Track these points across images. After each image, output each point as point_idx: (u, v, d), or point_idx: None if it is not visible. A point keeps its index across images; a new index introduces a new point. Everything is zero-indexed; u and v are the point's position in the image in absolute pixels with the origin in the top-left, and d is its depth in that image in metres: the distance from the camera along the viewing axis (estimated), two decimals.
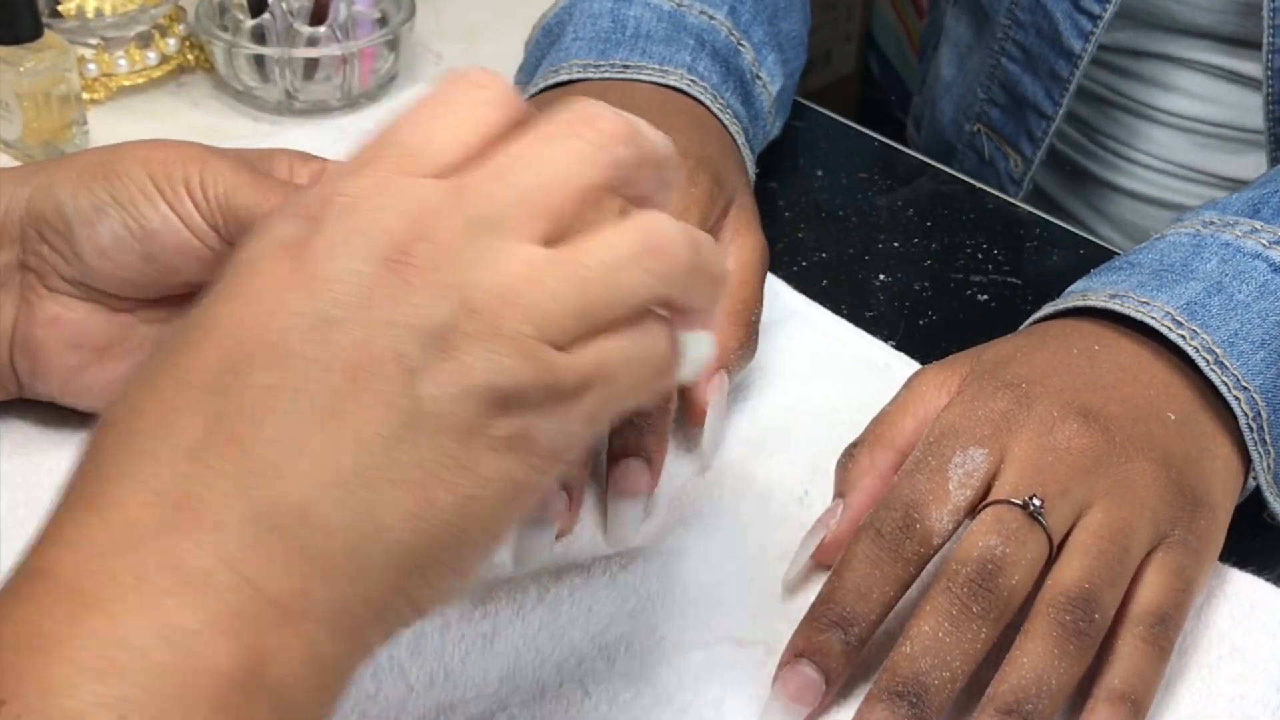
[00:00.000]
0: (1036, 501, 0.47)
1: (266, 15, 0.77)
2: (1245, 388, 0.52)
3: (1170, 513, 0.49)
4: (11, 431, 0.56)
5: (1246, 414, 0.52)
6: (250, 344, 0.33)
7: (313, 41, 0.77)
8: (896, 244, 0.71)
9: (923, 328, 0.66)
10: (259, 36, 0.78)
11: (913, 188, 0.76)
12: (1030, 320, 0.57)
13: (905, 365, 0.62)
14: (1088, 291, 0.56)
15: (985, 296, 0.68)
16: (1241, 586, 0.52)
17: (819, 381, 0.61)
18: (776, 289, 0.66)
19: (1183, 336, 0.52)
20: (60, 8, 0.78)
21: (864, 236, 0.72)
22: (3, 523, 0.52)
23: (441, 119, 0.36)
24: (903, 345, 0.64)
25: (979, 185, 0.77)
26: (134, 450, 0.33)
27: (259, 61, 0.78)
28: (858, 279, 0.69)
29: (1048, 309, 0.57)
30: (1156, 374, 0.52)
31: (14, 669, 0.30)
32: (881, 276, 0.69)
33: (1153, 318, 0.53)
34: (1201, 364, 0.52)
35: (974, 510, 0.48)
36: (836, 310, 0.66)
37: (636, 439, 0.53)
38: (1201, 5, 0.79)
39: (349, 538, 0.33)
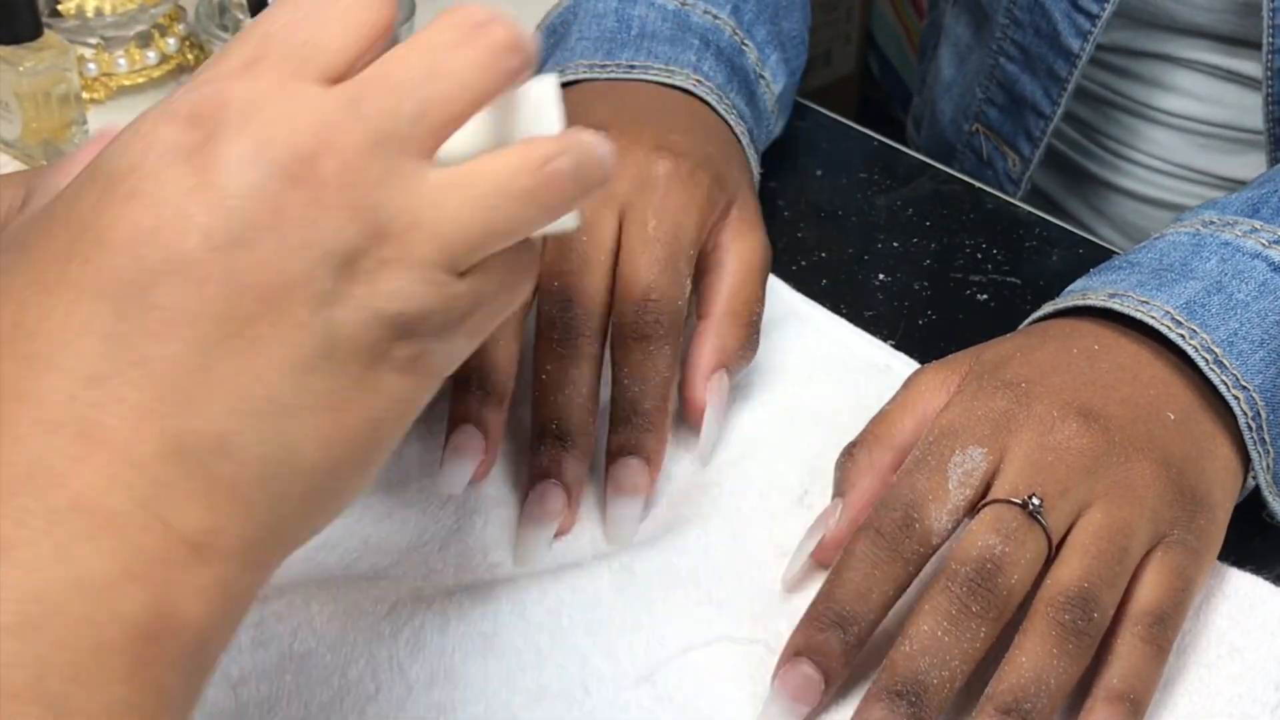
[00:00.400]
0: (1036, 501, 0.47)
1: None
2: (1244, 387, 0.52)
3: (1170, 512, 0.49)
4: None
5: (1246, 413, 0.52)
6: (156, 260, 0.31)
7: None
8: (896, 244, 0.71)
9: (922, 327, 0.66)
10: None
11: (912, 188, 0.76)
12: (1029, 320, 0.57)
13: (905, 365, 0.62)
14: (1087, 291, 0.56)
15: (985, 296, 0.68)
16: (1240, 586, 0.52)
17: (819, 381, 0.62)
18: (776, 289, 0.66)
19: (1182, 336, 0.52)
20: (60, 7, 0.78)
21: (864, 236, 0.72)
22: None
23: (325, 18, 0.35)
24: (902, 345, 0.64)
25: (978, 185, 0.77)
26: (29, 371, 0.31)
27: None
28: (857, 279, 0.69)
29: (1047, 308, 0.57)
30: (1156, 373, 0.52)
31: None
32: (881, 276, 0.69)
33: (1152, 317, 0.53)
34: (1201, 363, 0.52)
35: (973, 509, 0.48)
36: (836, 310, 0.66)
37: (635, 437, 0.53)
38: (1200, 5, 0.79)
39: (263, 467, 0.32)
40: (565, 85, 0.65)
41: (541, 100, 0.38)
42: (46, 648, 0.29)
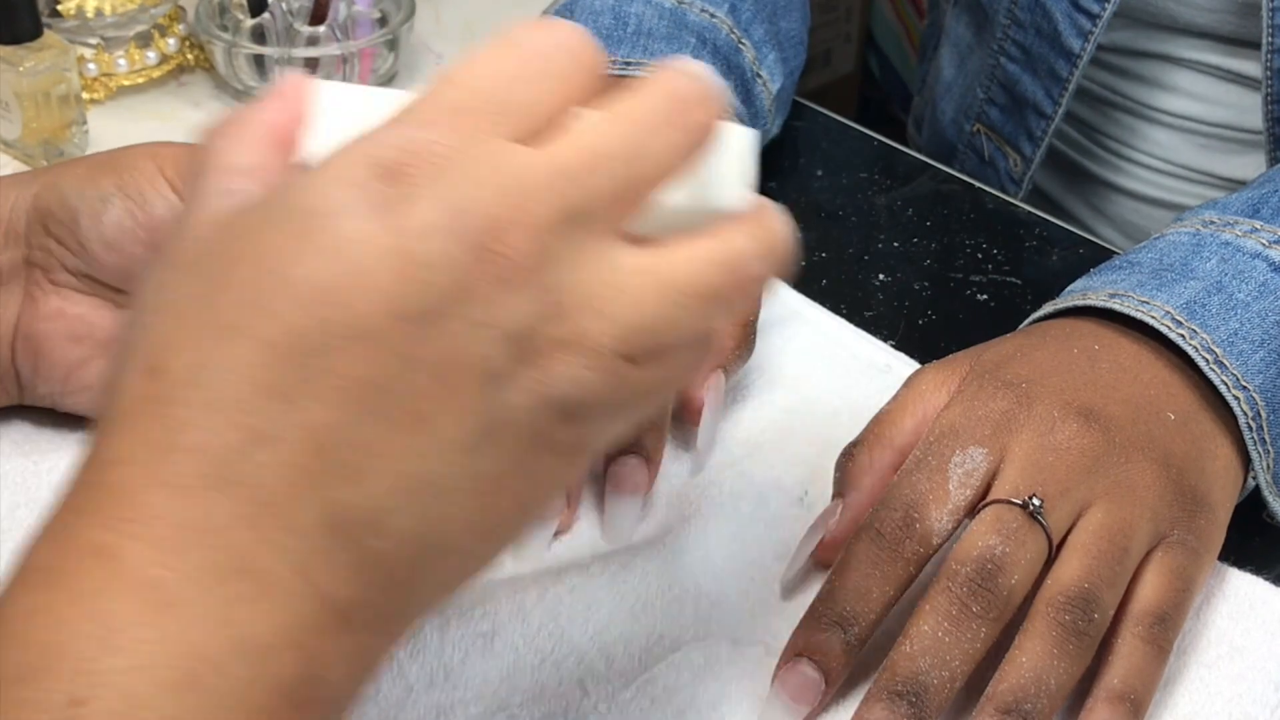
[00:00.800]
0: (1036, 501, 0.47)
1: (266, 15, 0.77)
2: (1245, 387, 0.52)
3: (1170, 513, 0.49)
4: (11, 432, 0.56)
5: (1246, 413, 0.52)
6: (338, 322, 0.30)
7: (313, 41, 0.77)
8: (896, 244, 0.71)
9: (922, 327, 0.66)
10: (259, 36, 0.78)
11: (912, 187, 0.76)
12: (1030, 319, 0.57)
13: (905, 365, 0.62)
14: (1087, 291, 0.56)
15: (985, 296, 0.68)
16: (1240, 586, 0.52)
17: (819, 381, 0.61)
18: (776, 289, 0.66)
19: (1182, 336, 0.52)
20: (60, 7, 0.78)
21: (864, 236, 0.72)
22: (2, 523, 0.52)
23: (535, 76, 0.33)
24: (902, 345, 0.64)
25: (979, 185, 0.77)
26: (201, 421, 0.30)
27: (259, 61, 0.78)
28: (857, 279, 0.69)
29: (1047, 308, 0.57)
30: (1156, 373, 0.52)
31: (93, 667, 0.29)
32: (881, 276, 0.69)
33: (1152, 317, 0.53)
34: (1201, 363, 0.52)
35: (974, 510, 0.48)
36: (836, 310, 0.66)
37: (634, 435, 0.53)
38: (1200, 5, 0.79)
39: (415, 547, 0.32)
40: None
41: (735, 152, 0.35)
42: (208, 708, 0.29)
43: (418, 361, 0.31)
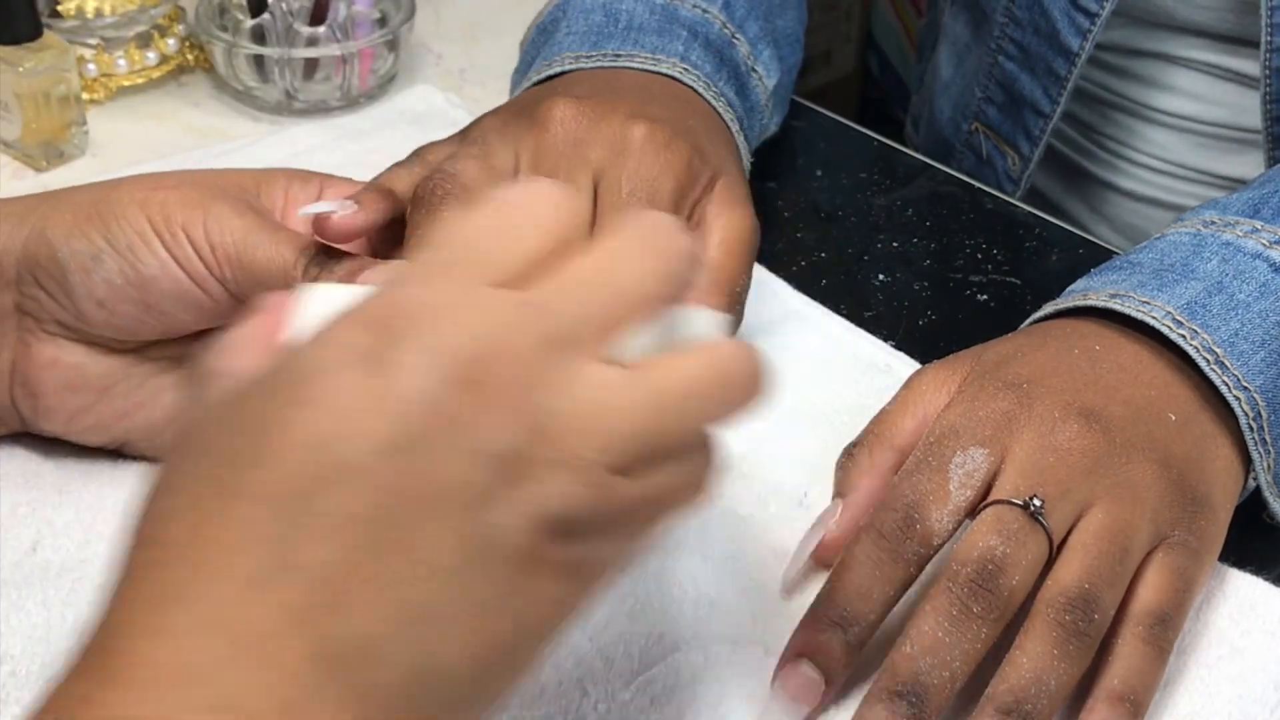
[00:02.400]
0: (1037, 502, 0.47)
1: (266, 15, 0.77)
2: (1246, 388, 0.52)
3: (1170, 513, 0.49)
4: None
5: (1247, 414, 0.52)
6: (323, 466, 0.31)
7: (312, 41, 0.77)
8: (896, 244, 0.71)
9: (922, 328, 0.66)
10: (259, 36, 0.78)
11: (912, 188, 0.76)
12: (1031, 320, 0.57)
13: (905, 365, 0.62)
14: (1088, 291, 0.56)
15: (985, 296, 0.68)
16: (1241, 586, 0.52)
17: (819, 382, 0.61)
18: (776, 289, 0.66)
19: (1183, 336, 0.52)
20: (60, 7, 0.78)
21: (863, 236, 0.72)
22: (2, 523, 0.52)
23: (511, 224, 0.35)
24: (902, 345, 0.64)
25: (978, 185, 0.77)
26: (196, 576, 0.31)
27: (259, 61, 0.78)
28: (857, 279, 0.69)
29: (1048, 308, 0.57)
30: (1157, 374, 0.52)
31: None
32: (881, 276, 0.69)
33: (1153, 317, 0.53)
34: (1202, 364, 0.52)
35: (974, 510, 0.48)
36: (836, 310, 0.66)
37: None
38: (1199, 3, 0.79)
39: (407, 675, 0.32)
40: (550, 77, 0.64)
41: (704, 328, 0.38)
42: None
43: (403, 492, 0.32)
